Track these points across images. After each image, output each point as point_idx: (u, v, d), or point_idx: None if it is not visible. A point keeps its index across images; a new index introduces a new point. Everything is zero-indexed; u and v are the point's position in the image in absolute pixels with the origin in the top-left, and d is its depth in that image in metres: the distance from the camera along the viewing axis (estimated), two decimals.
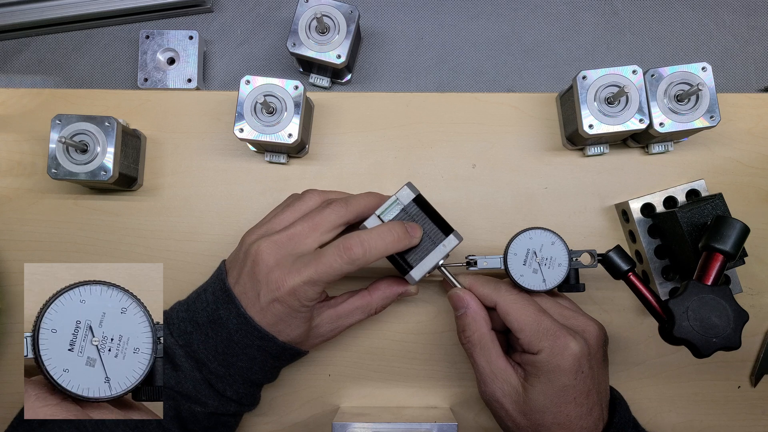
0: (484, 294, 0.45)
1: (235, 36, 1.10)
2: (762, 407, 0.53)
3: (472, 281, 0.46)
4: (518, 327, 0.42)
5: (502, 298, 0.44)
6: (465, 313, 0.45)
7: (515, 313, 0.43)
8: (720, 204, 0.47)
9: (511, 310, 0.43)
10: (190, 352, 0.42)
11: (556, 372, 0.41)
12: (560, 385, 0.41)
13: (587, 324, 0.44)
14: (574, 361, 0.41)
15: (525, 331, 0.42)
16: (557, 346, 0.41)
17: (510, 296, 0.44)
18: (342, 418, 0.49)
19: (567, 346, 0.41)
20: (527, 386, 0.42)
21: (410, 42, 1.09)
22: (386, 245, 0.41)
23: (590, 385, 0.42)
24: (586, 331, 0.43)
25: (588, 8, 1.10)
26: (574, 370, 0.41)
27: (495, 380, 0.43)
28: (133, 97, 0.56)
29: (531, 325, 0.42)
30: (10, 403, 0.53)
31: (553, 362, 0.41)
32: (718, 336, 0.40)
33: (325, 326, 0.45)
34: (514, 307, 0.43)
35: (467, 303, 0.45)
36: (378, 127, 0.55)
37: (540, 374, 0.41)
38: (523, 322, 0.42)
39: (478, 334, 0.44)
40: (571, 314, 0.44)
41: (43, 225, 0.54)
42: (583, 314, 0.45)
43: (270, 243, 0.42)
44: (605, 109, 0.48)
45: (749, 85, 1.07)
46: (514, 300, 0.43)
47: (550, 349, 0.41)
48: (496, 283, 0.45)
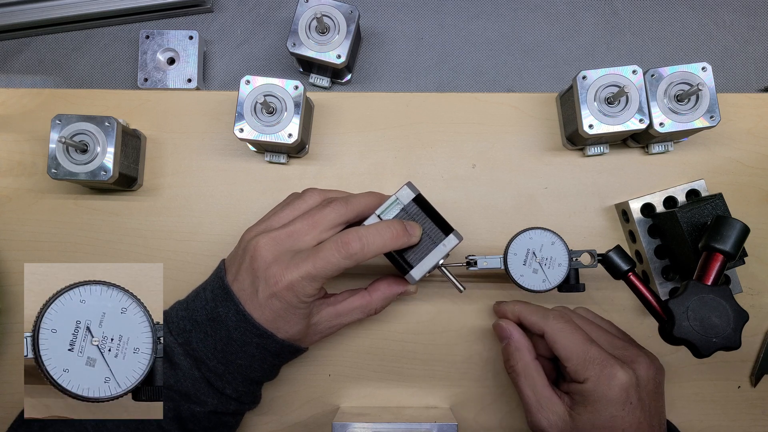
0: (531, 322, 0.45)
1: (235, 36, 1.10)
2: (762, 407, 0.53)
3: (520, 309, 0.47)
4: (565, 355, 0.42)
5: (549, 327, 0.44)
6: (508, 343, 0.46)
7: (562, 341, 0.43)
8: (720, 204, 0.47)
9: (558, 338, 0.43)
10: (189, 351, 0.42)
11: (603, 401, 0.40)
12: (607, 415, 0.40)
13: (637, 355, 0.43)
14: (621, 391, 0.40)
15: (572, 360, 0.42)
16: (604, 375, 0.40)
17: (557, 324, 0.44)
18: (342, 418, 0.49)
19: (614, 376, 0.40)
20: (574, 415, 0.42)
21: (410, 42, 1.09)
22: (384, 241, 0.41)
23: (640, 417, 0.41)
24: (636, 361, 0.42)
25: (588, 8, 1.10)
26: (622, 400, 0.40)
27: (540, 410, 0.43)
28: (133, 97, 0.56)
29: (578, 353, 0.42)
30: (10, 403, 0.53)
31: (600, 391, 0.40)
32: (718, 336, 0.40)
33: (323, 323, 0.45)
34: (561, 335, 0.43)
35: (510, 333, 0.46)
36: (378, 127, 0.55)
37: (587, 403, 0.41)
38: (570, 350, 0.42)
39: (522, 363, 0.44)
40: (621, 344, 0.44)
41: (43, 225, 0.54)
42: (636, 345, 0.45)
43: (268, 239, 0.42)
44: (605, 109, 0.48)
45: (749, 85, 1.07)
46: (561, 328, 0.43)
47: (597, 378, 0.41)
48: (544, 311, 0.45)
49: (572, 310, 0.48)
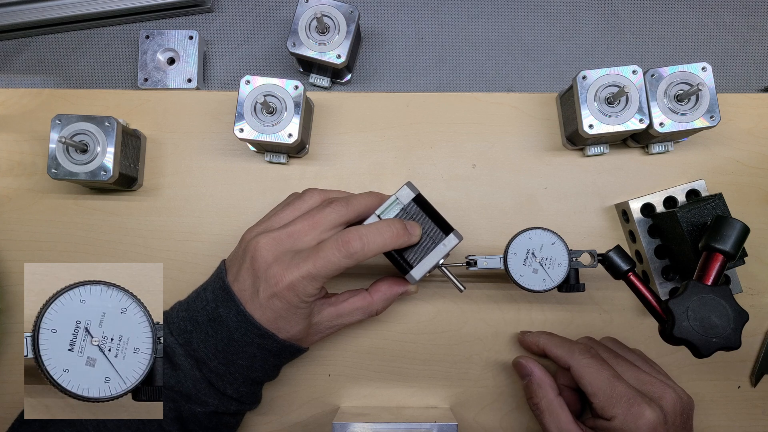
0: (557, 356, 0.45)
1: (235, 36, 1.10)
2: (762, 407, 0.53)
3: (545, 342, 0.46)
4: (592, 391, 0.42)
5: (575, 361, 0.43)
6: (530, 380, 0.45)
7: (589, 377, 0.42)
8: (720, 204, 0.47)
9: (584, 374, 0.43)
10: (190, 351, 0.42)
11: None
12: None
13: (664, 390, 0.42)
14: (649, 429, 0.40)
15: (598, 396, 0.41)
16: (631, 414, 0.40)
17: (584, 360, 0.43)
18: (342, 418, 0.49)
19: (642, 414, 0.40)
20: None
21: (410, 42, 1.09)
22: (384, 240, 0.41)
23: None
24: (663, 398, 0.42)
25: (588, 8, 1.10)
26: None
27: None
28: (133, 97, 0.56)
29: (605, 390, 0.41)
30: (10, 403, 0.53)
31: (627, 430, 0.40)
32: (718, 336, 0.40)
33: (324, 324, 0.45)
34: (588, 371, 0.42)
35: (531, 370, 0.46)
36: (378, 127, 0.55)
37: None
38: (596, 386, 0.42)
39: (545, 400, 0.44)
40: (648, 379, 0.43)
41: (43, 225, 0.54)
42: (662, 379, 0.44)
43: (269, 239, 0.42)
44: (605, 109, 0.48)
45: (749, 85, 1.07)
46: (588, 363, 0.43)
47: (624, 416, 0.40)
48: (570, 344, 0.45)
49: (598, 342, 0.48)
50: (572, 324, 0.53)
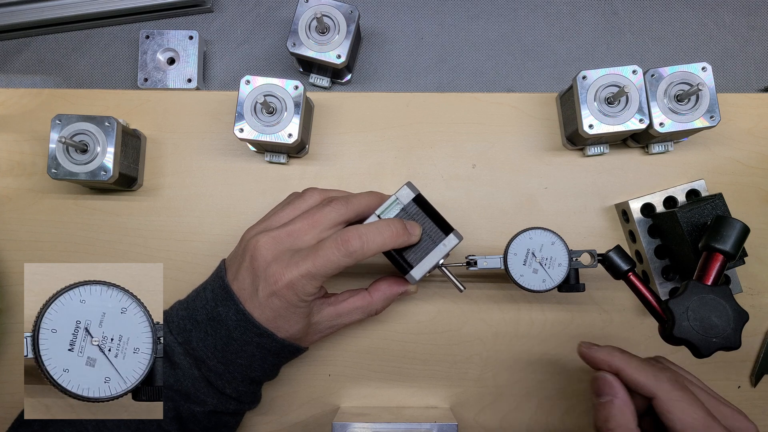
0: (638, 383, 0.38)
1: (235, 36, 1.10)
2: (762, 407, 0.53)
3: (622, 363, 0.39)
4: (681, 429, 0.37)
5: (664, 393, 0.37)
6: (611, 402, 0.38)
7: (679, 414, 0.37)
8: (720, 204, 0.47)
9: (674, 409, 0.37)
10: (189, 350, 0.42)
11: None
12: None
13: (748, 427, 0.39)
14: None
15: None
16: None
17: (675, 392, 0.37)
18: (342, 418, 0.49)
19: None
20: None
21: (410, 42, 1.09)
22: (384, 239, 0.41)
23: None
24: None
25: (588, 8, 1.10)
26: None
27: None
28: (133, 97, 0.56)
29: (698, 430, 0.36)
30: (10, 403, 0.53)
31: None
32: (718, 336, 0.40)
33: (324, 323, 0.45)
34: (679, 406, 0.37)
35: (616, 392, 0.39)
36: (378, 127, 0.55)
37: None
38: (688, 425, 0.36)
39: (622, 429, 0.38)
40: (730, 413, 0.39)
41: (43, 225, 0.54)
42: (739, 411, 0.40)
43: (268, 238, 0.42)
44: (605, 109, 0.48)
45: (749, 85, 1.07)
46: (679, 397, 0.37)
47: None
48: (654, 371, 0.39)
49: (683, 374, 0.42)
50: (572, 324, 0.53)
